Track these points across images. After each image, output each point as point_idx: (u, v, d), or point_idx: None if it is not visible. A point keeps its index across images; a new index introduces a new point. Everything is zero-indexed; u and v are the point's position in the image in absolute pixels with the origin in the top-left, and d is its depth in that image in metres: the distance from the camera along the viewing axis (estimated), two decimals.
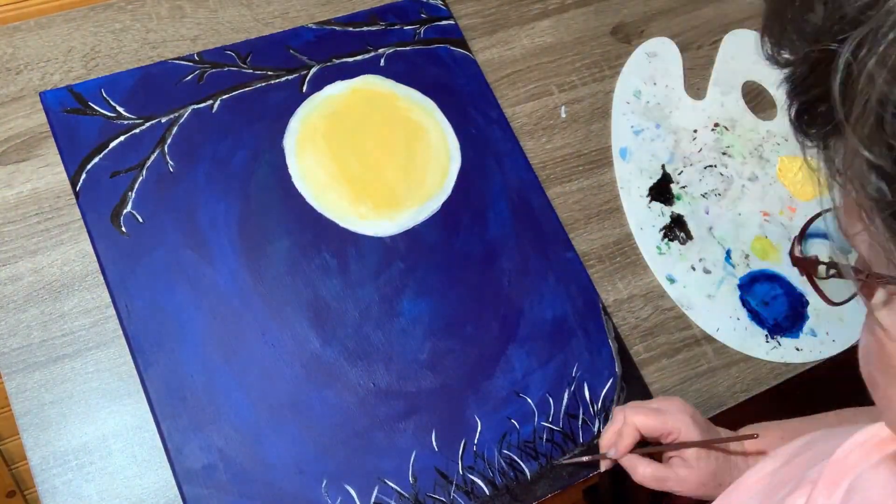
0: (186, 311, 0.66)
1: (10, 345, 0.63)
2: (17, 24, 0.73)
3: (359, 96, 0.77)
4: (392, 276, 0.71)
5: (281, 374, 0.66)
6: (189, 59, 0.74)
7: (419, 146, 0.77)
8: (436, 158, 0.77)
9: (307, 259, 0.70)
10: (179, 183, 0.70)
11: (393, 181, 0.75)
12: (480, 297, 0.72)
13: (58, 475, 0.61)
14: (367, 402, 0.66)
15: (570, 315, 0.73)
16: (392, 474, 0.64)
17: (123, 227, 0.67)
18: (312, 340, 0.67)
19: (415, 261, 0.72)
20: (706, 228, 0.82)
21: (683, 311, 0.78)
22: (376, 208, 0.73)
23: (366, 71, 0.78)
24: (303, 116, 0.75)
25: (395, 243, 0.72)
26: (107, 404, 0.63)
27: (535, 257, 0.75)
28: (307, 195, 0.72)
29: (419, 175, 0.76)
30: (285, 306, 0.68)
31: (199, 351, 0.65)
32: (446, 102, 0.79)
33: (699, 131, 0.86)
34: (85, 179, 0.68)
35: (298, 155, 0.73)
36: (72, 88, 0.71)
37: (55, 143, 0.69)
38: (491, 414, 0.68)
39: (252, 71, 0.75)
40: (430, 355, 0.69)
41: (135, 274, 0.66)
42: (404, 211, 0.74)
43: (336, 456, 0.64)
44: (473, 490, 0.66)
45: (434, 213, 0.75)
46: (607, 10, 0.90)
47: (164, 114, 0.72)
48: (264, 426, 0.64)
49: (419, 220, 0.74)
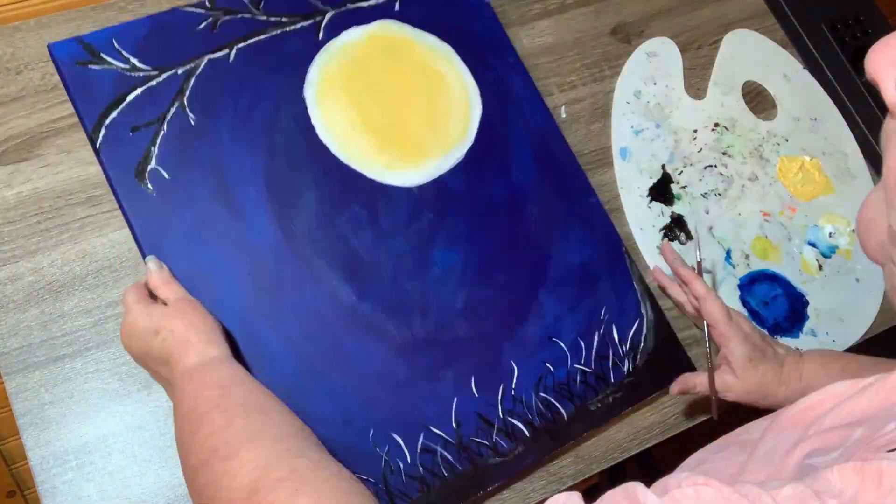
0: (222, 268, 0.64)
1: (11, 345, 0.64)
2: (17, 24, 0.73)
3: (376, 43, 0.76)
4: (422, 226, 0.71)
5: (321, 328, 0.65)
6: (201, 6, 0.72)
7: (440, 93, 0.76)
8: (457, 106, 0.76)
9: (337, 212, 0.69)
10: (202, 137, 0.67)
11: (416, 130, 0.74)
12: (509, 244, 0.73)
13: (58, 475, 0.61)
14: (406, 352, 0.67)
15: (595, 259, 0.75)
16: (436, 421, 0.66)
17: (150, 183, 0.65)
18: (349, 294, 0.67)
19: (443, 210, 0.72)
20: (706, 228, 0.82)
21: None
22: (402, 158, 0.73)
23: (381, 16, 0.77)
24: (321, 65, 0.73)
25: (422, 193, 0.72)
26: (107, 404, 0.63)
27: (559, 203, 0.76)
28: (332, 146, 0.71)
29: (442, 123, 0.75)
30: (319, 261, 0.67)
31: (238, 308, 0.64)
32: (464, 48, 0.78)
33: (699, 131, 0.86)
34: (105, 135, 0.65)
35: (320, 105, 0.72)
36: (81, 39, 0.67)
37: (69, 98, 0.65)
38: (526, 359, 0.70)
39: (266, 18, 0.73)
40: (465, 304, 0.70)
41: (166, 233, 0.64)
42: (429, 160, 0.74)
43: (380, 406, 0.65)
44: (514, 433, 0.67)
45: (459, 161, 0.74)
46: (607, 10, 0.90)
47: (179, 64, 0.69)
48: (308, 380, 0.64)
49: (445, 168, 0.74)
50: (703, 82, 0.89)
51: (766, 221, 0.84)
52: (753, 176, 0.86)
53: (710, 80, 0.89)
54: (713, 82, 0.89)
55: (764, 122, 0.89)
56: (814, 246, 0.84)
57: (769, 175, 0.86)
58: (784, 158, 0.88)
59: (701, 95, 0.88)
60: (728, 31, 0.92)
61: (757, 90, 0.91)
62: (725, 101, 0.89)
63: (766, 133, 0.88)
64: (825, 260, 0.84)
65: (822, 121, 0.91)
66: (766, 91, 0.91)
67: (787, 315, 0.80)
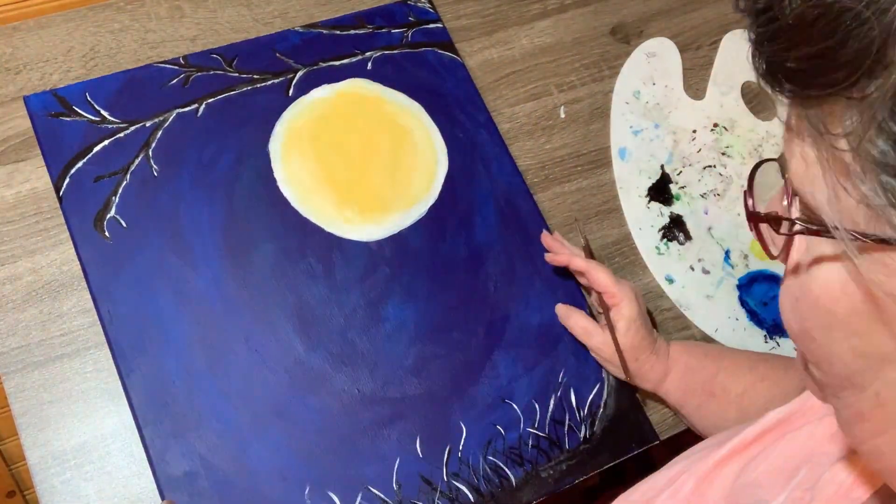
0: (169, 316, 0.65)
1: (9, 344, 0.64)
2: (17, 24, 0.74)
3: (345, 100, 0.77)
4: (377, 281, 0.71)
5: (264, 380, 0.65)
6: (175, 63, 0.74)
7: (406, 150, 0.77)
8: (423, 162, 0.76)
9: (292, 264, 0.69)
10: (164, 188, 0.69)
11: (379, 185, 0.75)
12: (467, 303, 0.72)
13: (56, 474, 0.61)
14: (351, 408, 0.66)
15: (556, 320, 0.73)
16: (376, 481, 0.64)
17: (107, 231, 0.67)
18: (297, 346, 0.67)
19: (401, 266, 0.72)
20: (705, 229, 0.82)
21: (682, 311, 0.78)
22: (362, 213, 0.73)
23: (353, 74, 0.78)
24: (288, 120, 0.75)
25: (380, 248, 0.72)
26: (105, 404, 0.63)
27: (522, 262, 0.75)
28: (292, 200, 0.72)
29: (406, 179, 0.76)
30: (269, 312, 0.67)
31: (182, 357, 0.64)
32: (434, 106, 0.79)
33: (698, 131, 0.86)
34: (69, 184, 0.68)
35: (284, 159, 0.73)
36: (56, 92, 0.70)
37: (39, 148, 0.68)
38: (476, 420, 0.68)
39: (238, 74, 0.75)
40: (416, 361, 0.69)
41: (118, 279, 0.66)
42: (390, 215, 0.74)
43: (319, 462, 0.64)
44: (458, 497, 0.65)
45: (420, 217, 0.74)
46: (607, 11, 0.90)
47: (148, 118, 0.71)
48: (247, 432, 0.63)
49: (405, 224, 0.74)
50: (703, 82, 0.89)
51: None
52: None
53: (709, 81, 0.89)
54: (712, 82, 0.89)
55: (763, 122, 0.89)
56: None
57: None
58: None
59: (700, 96, 0.88)
60: (727, 31, 0.92)
61: (756, 90, 0.90)
62: (725, 102, 0.89)
63: (766, 133, 0.88)
64: None
65: None
66: (765, 91, 0.91)
67: None
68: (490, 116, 0.80)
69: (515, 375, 0.70)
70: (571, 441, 0.69)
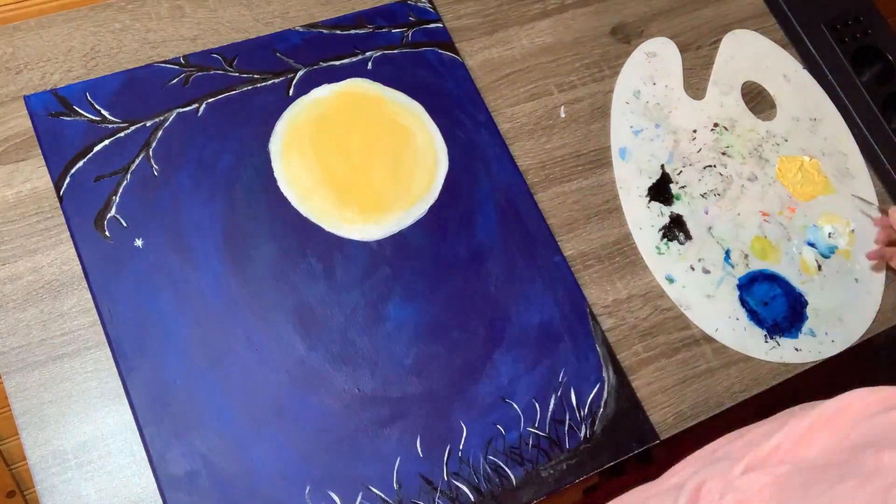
0: (170, 316, 0.66)
1: (10, 344, 0.64)
2: (17, 24, 0.74)
3: (346, 100, 0.77)
4: (378, 280, 0.71)
5: (265, 380, 0.65)
6: (175, 63, 0.74)
7: (406, 150, 0.77)
8: (423, 162, 0.77)
9: (292, 264, 0.70)
10: (164, 187, 0.70)
11: (379, 185, 0.75)
12: (467, 302, 0.72)
13: (57, 474, 0.61)
14: (351, 407, 0.66)
15: (557, 320, 0.73)
16: (376, 481, 0.64)
17: (107, 231, 0.67)
18: (297, 346, 0.67)
19: (401, 265, 0.72)
20: (705, 228, 0.82)
21: (682, 311, 0.78)
22: (362, 212, 0.73)
23: (353, 74, 0.78)
24: (289, 120, 0.75)
25: (381, 248, 0.72)
26: (106, 403, 0.63)
27: (523, 261, 0.75)
28: (293, 199, 0.72)
29: (406, 179, 0.76)
30: (270, 311, 0.68)
31: (183, 356, 0.65)
32: (434, 106, 0.79)
33: (698, 131, 0.86)
34: (69, 184, 0.68)
35: (284, 159, 0.73)
36: (56, 92, 0.71)
37: (39, 147, 0.69)
38: (477, 420, 0.68)
39: (238, 74, 0.75)
40: (416, 360, 0.69)
41: (118, 279, 0.66)
42: (391, 215, 0.74)
43: (320, 462, 0.64)
44: (458, 496, 0.65)
45: (421, 217, 0.74)
46: (607, 11, 0.90)
47: (149, 117, 0.71)
48: (248, 432, 0.63)
49: (406, 224, 0.74)
50: (703, 82, 0.89)
51: (766, 221, 0.84)
52: (753, 176, 0.86)
53: (709, 81, 0.89)
54: (713, 82, 0.89)
55: (763, 122, 0.89)
56: (813, 246, 0.84)
57: (768, 175, 0.86)
58: (783, 158, 0.88)
59: (700, 95, 0.88)
60: (728, 31, 0.92)
61: (756, 90, 0.91)
62: (725, 102, 0.89)
63: (766, 133, 0.88)
64: (824, 260, 0.84)
65: (821, 121, 0.91)
66: (765, 91, 0.91)
67: (786, 315, 0.80)
68: (490, 116, 0.80)
69: (516, 375, 0.70)
70: (572, 440, 0.69)
